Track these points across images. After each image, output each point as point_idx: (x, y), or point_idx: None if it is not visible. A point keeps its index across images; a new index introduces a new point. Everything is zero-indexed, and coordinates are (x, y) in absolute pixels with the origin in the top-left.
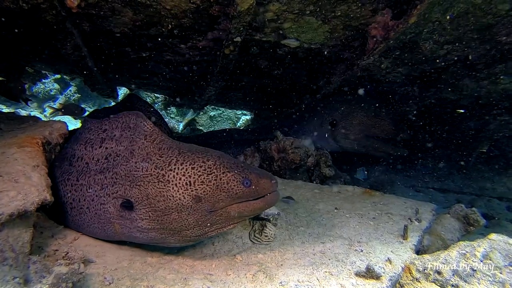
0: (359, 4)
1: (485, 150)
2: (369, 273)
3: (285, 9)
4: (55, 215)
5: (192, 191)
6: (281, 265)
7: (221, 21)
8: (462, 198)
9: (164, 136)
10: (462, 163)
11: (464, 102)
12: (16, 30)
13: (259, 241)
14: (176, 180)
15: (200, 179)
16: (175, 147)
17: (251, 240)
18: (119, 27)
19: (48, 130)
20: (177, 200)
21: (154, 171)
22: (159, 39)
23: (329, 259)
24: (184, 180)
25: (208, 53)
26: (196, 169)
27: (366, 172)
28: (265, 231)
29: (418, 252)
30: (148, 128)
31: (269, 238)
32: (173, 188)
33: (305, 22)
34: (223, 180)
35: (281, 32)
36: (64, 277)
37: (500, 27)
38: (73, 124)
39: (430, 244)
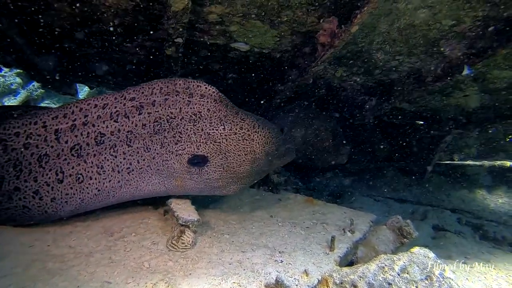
0: (304, 10)
1: (441, 162)
2: (278, 285)
3: (229, 12)
4: None
5: (266, 148)
6: (190, 274)
7: (164, 21)
8: (417, 209)
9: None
10: (419, 174)
11: (422, 114)
12: None
13: (175, 248)
14: (259, 139)
15: (271, 140)
16: (249, 113)
17: (167, 247)
18: (58, 21)
19: None
20: (256, 154)
21: (239, 131)
22: (103, 37)
23: (244, 270)
24: (263, 140)
25: (155, 53)
26: (270, 133)
27: None
28: (182, 238)
29: (352, 263)
30: (214, 92)
31: (186, 245)
32: (255, 145)
33: (252, 26)
34: (274, 141)
35: (228, 35)
36: None
37: (445, 42)
38: None
39: (364, 256)
